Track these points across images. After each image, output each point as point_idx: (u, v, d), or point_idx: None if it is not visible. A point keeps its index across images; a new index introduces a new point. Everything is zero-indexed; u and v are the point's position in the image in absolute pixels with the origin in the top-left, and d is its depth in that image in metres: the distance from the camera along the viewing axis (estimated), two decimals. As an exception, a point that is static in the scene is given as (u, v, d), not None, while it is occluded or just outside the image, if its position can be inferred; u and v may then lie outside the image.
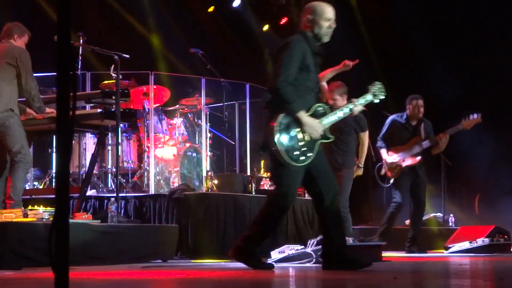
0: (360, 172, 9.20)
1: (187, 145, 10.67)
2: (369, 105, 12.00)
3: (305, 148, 5.88)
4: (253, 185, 10.02)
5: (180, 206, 8.90)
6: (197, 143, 10.94)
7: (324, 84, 8.49)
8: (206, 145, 10.56)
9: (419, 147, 10.18)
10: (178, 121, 10.83)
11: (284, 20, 15.44)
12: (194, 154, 10.65)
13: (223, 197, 9.15)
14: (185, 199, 8.89)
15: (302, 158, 5.86)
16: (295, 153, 5.83)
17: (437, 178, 13.02)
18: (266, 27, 15.37)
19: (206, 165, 10.36)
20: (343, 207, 8.85)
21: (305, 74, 5.96)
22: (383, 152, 10.37)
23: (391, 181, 10.33)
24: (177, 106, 11.24)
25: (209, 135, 10.85)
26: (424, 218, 11.30)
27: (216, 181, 9.98)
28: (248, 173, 10.66)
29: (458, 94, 13.99)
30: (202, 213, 8.78)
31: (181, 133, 10.76)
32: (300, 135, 5.87)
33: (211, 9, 14.38)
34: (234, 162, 11.77)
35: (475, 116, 10.05)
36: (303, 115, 5.85)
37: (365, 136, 9.21)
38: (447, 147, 10.36)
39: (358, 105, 6.32)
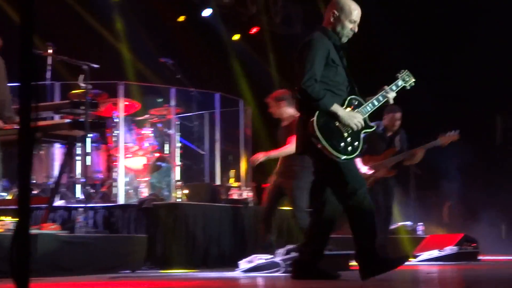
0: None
1: (157, 155, 10.64)
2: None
3: (350, 139, 5.66)
4: (223, 195, 10.02)
5: (149, 216, 8.87)
6: (166, 153, 10.91)
7: None
8: (175, 155, 10.53)
9: (394, 160, 10.17)
10: (147, 131, 10.81)
11: (254, 30, 15.48)
12: (164, 164, 10.62)
13: (193, 207, 9.14)
14: (154, 209, 8.87)
15: (350, 148, 5.63)
16: (341, 144, 5.59)
17: (406, 187, 13.10)
18: (236, 37, 15.39)
19: (175, 175, 10.33)
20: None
21: (332, 70, 5.80)
22: (358, 161, 10.34)
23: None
24: (147, 116, 11.20)
25: (178, 145, 10.82)
26: (393, 227, 11.36)
27: (185, 191, 9.96)
28: (218, 183, 10.66)
29: (435, 108, 14.10)
30: (171, 223, 8.76)
31: (150, 143, 10.74)
32: (342, 128, 5.65)
33: (181, 18, 14.37)
34: (203, 172, 11.76)
35: (453, 132, 10.09)
36: (338, 108, 5.65)
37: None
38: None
39: (390, 91, 6.07)
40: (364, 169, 10.17)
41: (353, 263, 8.76)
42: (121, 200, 9.73)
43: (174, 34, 14.04)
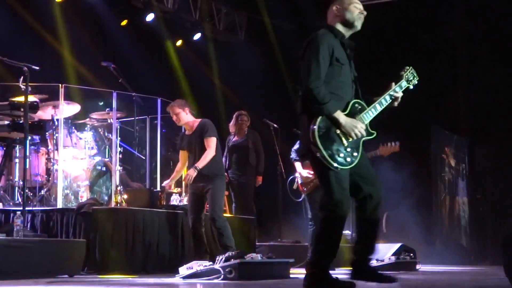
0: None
1: (97, 159, 10.56)
2: (281, 123, 12.19)
3: (350, 149, 5.47)
4: (163, 200, 9.98)
5: (88, 220, 8.80)
6: (107, 157, 10.84)
7: None
8: (116, 160, 10.46)
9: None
10: (88, 134, 10.73)
11: (197, 36, 15.46)
12: (104, 169, 10.54)
13: (132, 212, 9.08)
14: (94, 214, 8.79)
15: (349, 159, 5.45)
16: (340, 155, 5.41)
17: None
18: (179, 42, 15.36)
19: (115, 179, 10.26)
20: (222, 219, 8.94)
21: (336, 69, 5.56)
22: (298, 165, 10.35)
23: (302, 196, 10.37)
24: (88, 119, 11.11)
25: (119, 149, 10.75)
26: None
27: (125, 196, 9.90)
28: (158, 188, 10.61)
29: (376, 118, 14.21)
30: (111, 228, 8.69)
31: (91, 147, 10.66)
32: (342, 136, 5.45)
33: (124, 22, 14.28)
34: (144, 177, 11.69)
35: (394, 144, 10.20)
36: (340, 115, 5.44)
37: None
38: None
39: (398, 92, 5.84)
40: (304, 172, 10.22)
41: (295, 270, 8.84)
42: (59, 204, 9.62)
43: (116, 38, 13.94)
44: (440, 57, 16.22)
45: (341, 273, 6.80)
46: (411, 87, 5.94)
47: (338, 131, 5.43)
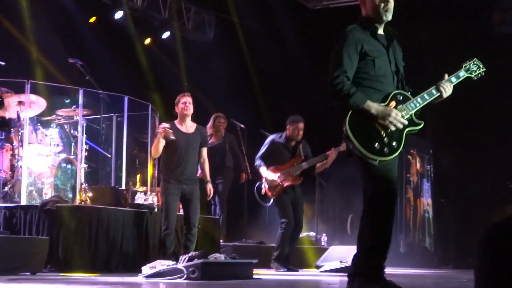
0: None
1: (62, 156, 10.50)
2: (248, 123, 12.20)
3: (387, 139, 5.10)
4: (128, 199, 9.95)
5: (52, 218, 8.75)
6: (72, 154, 10.78)
7: None
8: (81, 157, 10.41)
9: (300, 168, 10.33)
10: (53, 131, 10.66)
11: (166, 34, 15.43)
12: (69, 166, 10.49)
13: (96, 210, 9.04)
14: (57, 211, 8.74)
15: (386, 149, 5.08)
16: (375, 145, 5.06)
17: (311, 198, 13.25)
18: (148, 41, 15.32)
19: (80, 177, 10.21)
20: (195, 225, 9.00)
21: (369, 63, 5.25)
22: (263, 170, 10.42)
23: (271, 200, 10.42)
24: (53, 116, 11.04)
25: (85, 147, 10.70)
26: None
27: (90, 194, 9.85)
28: (123, 187, 10.57)
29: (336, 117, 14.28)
30: (74, 226, 8.65)
31: (56, 144, 10.59)
32: (379, 127, 5.12)
33: (92, 19, 14.21)
34: (109, 175, 11.64)
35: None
36: (371, 105, 5.11)
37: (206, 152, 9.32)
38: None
39: (447, 83, 5.41)
40: (270, 176, 10.28)
41: (258, 271, 8.86)
42: (23, 200, 9.56)
43: (84, 35, 13.87)
44: (407, 59, 16.32)
45: (306, 274, 6.85)
46: (475, 78, 5.59)
47: (374, 123, 5.12)
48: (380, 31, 5.41)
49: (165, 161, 9.11)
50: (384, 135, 5.10)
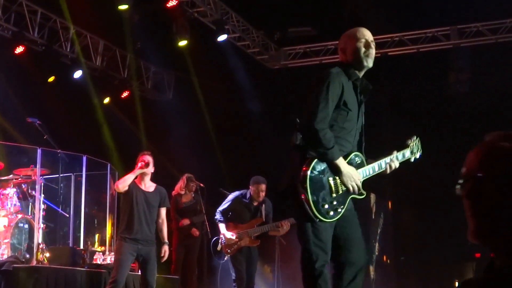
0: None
1: (19, 216, 10.38)
2: (207, 181, 12.20)
3: (336, 202, 4.98)
4: (86, 259, 9.84)
5: (9, 279, 8.60)
6: (30, 214, 10.65)
7: None
8: (39, 217, 10.29)
9: (259, 230, 10.29)
10: (11, 191, 10.54)
11: (125, 94, 15.44)
12: (26, 226, 10.35)
13: (54, 270, 8.93)
14: (14, 272, 8.61)
15: (332, 213, 4.95)
16: (325, 206, 4.90)
17: (272, 258, 13.20)
18: (107, 100, 15.31)
19: (38, 237, 10.08)
20: None
21: (342, 113, 5.08)
22: (222, 226, 10.35)
23: (226, 257, 10.36)
24: (11, 176, 10.94)
25: (42, 206, 10.59)
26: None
27: (47, 254, 9.73)
28: (82, 247, 10.46)
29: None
30: (31, 287, 8.52)
31: (13, 203, 10.47)
32: (334, 186, 4.97)
33: (51, 79, 14.17)
34: (67, 235, 11.53)
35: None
36: (343, 163, 4.97)
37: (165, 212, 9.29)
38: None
39: (395, 160, 5.35)
40: (228, 234, 10.23)
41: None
42: (-21, 261, 9.40)
43: (43, 94, 13.83)
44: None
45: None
46: (412, 160, 5.54)
47: (331, 179, 4.98)
48: (358, 82, 5.25)
49: (122, 219, 9.01)
50: (334, 196, 4.98)
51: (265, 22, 15.35)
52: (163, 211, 9.18)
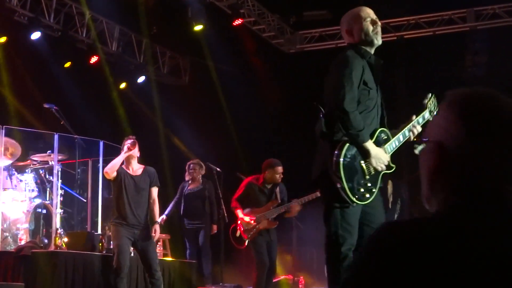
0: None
1: (37, 201, 10.43)
2: (224, 166, 12.21)
3: (370, 184, 5.03)
4: (104, 244, 9.88)
5: (27, 264, 8.66)
6: (47, 200, 10.70)
7: None
8: (57, 202, 10.34)
9: (276, 211, 10.31)
10: (28, 176, 10.59)
11: (141, 79, 15.43)
12: (44, 211, 10.41)
13: (72, 255, 8.97)
14: (33, 257, 8.66)
15: (367, 195, 5.02)
16: (360, 190, 4.95)
17: (288, 241, 13.21)
18: (123, 85, 15.31)
19: (55, 222, 10.13)
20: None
21: (364, 93, 5.09)
22: (239, 213, 10.38)
23: (246, 242, 10.38)
24: (28, 161, 10.99)
25: (60, 192, 10.64)
26: (275, 280, 11.42)
27: (65, 239, 9.78)
28: (99, 232, 10.50)
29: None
30: (50, 272, 8.57)
31: (31, 189, 10.52)
32: (366, 168, 5.01)
33: (67, 64, 14.19)
34: (85, 220, 11.57)
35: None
36: (371, 145, 4.98)
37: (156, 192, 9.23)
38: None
39: (417, 125, 5.38)
40: (246, 219, 10.25)
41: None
42: (-2, 246, 9.48)
43: (59, 80, 13.85)
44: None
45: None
46: (431, 119, 5.04)
47: (362, 162, 5.01)
48: (371, 60, 5.26)
49: (115, 204, 9.01)
50: (367, 178, 5.02)
51: (280, 6, 15.28)
52: (155, 190, 9.10)
